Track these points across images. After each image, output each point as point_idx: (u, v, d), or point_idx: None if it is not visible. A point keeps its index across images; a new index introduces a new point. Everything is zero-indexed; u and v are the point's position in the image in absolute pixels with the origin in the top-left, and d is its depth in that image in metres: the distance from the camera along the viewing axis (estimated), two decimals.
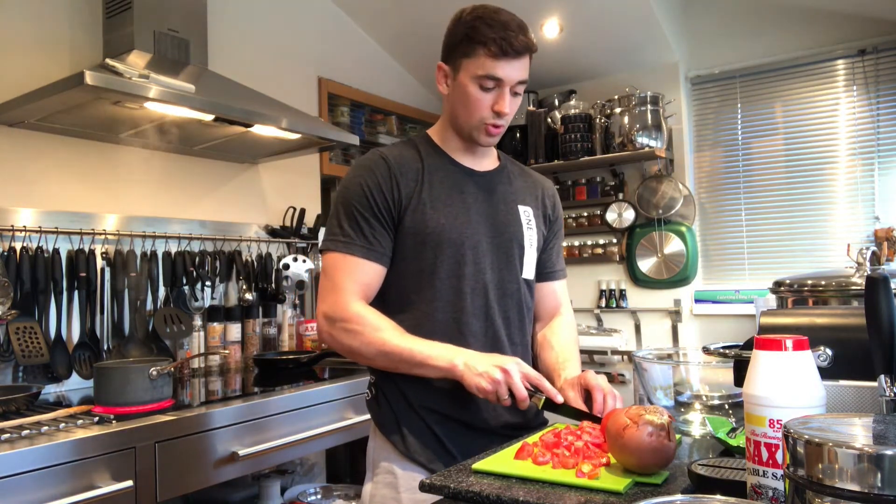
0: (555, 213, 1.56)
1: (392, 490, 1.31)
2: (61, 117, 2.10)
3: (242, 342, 2.71)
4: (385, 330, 1.28)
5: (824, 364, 0.99)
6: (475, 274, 1.35)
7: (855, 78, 3.17)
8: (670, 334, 3.53)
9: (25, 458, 1.44)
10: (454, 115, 1.38)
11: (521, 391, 1.17)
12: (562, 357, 1.45)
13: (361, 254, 1.30)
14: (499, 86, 1.31)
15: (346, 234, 1.31)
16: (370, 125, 3.63)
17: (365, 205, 1.31)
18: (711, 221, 3.57)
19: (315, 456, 2.73)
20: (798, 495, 0.63)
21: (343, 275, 1.30)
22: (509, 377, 1.17)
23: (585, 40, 3.45)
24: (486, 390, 1.18)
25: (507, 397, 1.18)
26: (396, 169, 1.34)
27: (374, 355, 1.28)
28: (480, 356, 1.23)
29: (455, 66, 1.34)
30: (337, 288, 1.30)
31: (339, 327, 1.29)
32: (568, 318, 1.57)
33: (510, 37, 1.28)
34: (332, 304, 1.30)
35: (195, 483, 1.79)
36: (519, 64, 1.32)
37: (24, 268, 2.07)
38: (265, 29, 3.00)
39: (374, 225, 1.31)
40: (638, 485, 0.94)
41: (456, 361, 1.22)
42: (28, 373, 2.08)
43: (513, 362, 1.20)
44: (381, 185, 1.32)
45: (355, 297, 1.30)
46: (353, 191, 1.33)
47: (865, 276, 1.16)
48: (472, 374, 1.19)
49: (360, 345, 1.28)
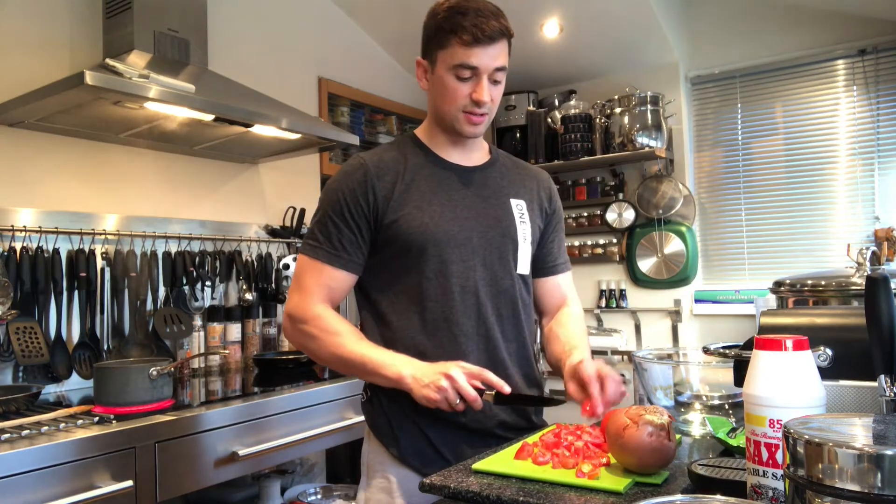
0: (552, 206, 1.52)
1: (387, 495, 1.31)
2: (61, 117, 2.10)
3: (242, 342, 2.71)
4: (342, 335, 1.29)
5: (824, 364, 0.99)
6: (464, 272, 1.33)
7: (855, 78, 3.17)
8: (670, 334, 3.53)
9: (25, 458, 1.44)
10: (435, 109, 1.37)
11: (469, 392, 1.16)
12: (567, 346, 1.41)
13: (326, 259, 1.32)
14: (475, 74, 1.29)
15: (316, 238, 1.34)
16: (370, 125, 3.63)
17: (337, 211, 1.32)
18: (711, 221, 3.57)
19: (315, 456, 2.73)
20: (798, 495, 0.63)
21: (308, 277, 1.33)
22: (454, 382, 1.16)
23: (585, 40, 3.45)
24: (435, 400, 1.17)
25: (458, 401, 1.17)
26: (374, 173, 1.33)
27: (329, 359, 1.31)
28: (427, 366, 1.22)
29: (432, 59, 1.33)
30: (302, 289, 1.33)
31: (298, 328, 1.32)
32: (574, 308, 1.54)
33: (481, 23, 1.25)
34: (295, 304, 1.33)
35: (195, 483, 1.79)
36: (494, 50, 1.28)
37: (24, 268, 2.07)
38: (265, 29, 3.01)
39: (343, 231, 1.32)
40: (638, 485, 0.94)
41: (404, 373, 1.22)
42: (28, 373, 2.08)
43: (454, 366, 1.19)
44: (356, 191, 1.32)
45: (318, 299, 1.32)
46: (329, 196, 1.35)
47: (865, 276, 1.16)
48: (420, 386, 1.19)
49: (316, 347, 1.31)
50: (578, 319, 1.51)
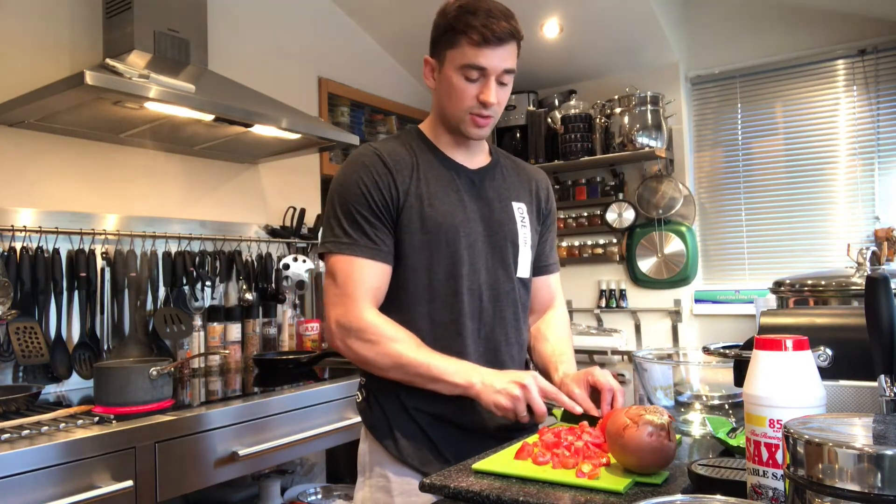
0: (548, 207, 1.52)
1: (385, 494, 1.30)
2: (61, 117, 2.10)
3: (242, 342, 2.71)
4: (401, 342, 1.25)
5: (824, 364, 0.99)
6: (471, 274, 1.33)
7: (855, 78, 3.17)
8: (670, 334, 3.53)
9: (25, 458, 1.44)
10: (441, 109, 1.36)
11: (540, 406, 1.17)
12: (558, 350, 1.44)
13: (367, 255, 1.28)
14: (483, 75, 1.28)
15: (348, 235, 1.28)
16: (370, 125, 3.63)
17: (364, 204, 1.29)
18: (711, 221, 3.57)
19: (315, 456, 2.72)
20: (798, 495, 0.63)
21: (352, 280, 1.27)
22: (528, 392, 1.17)
23: (585, 40, 3.45)
24: (506, 407, 1.17)
25: (526, 413, 1.17)
26: (392, 164, 1.31)
27: (389, 367, 1.26)
28: (497, 373, 1.22)
29: (440, 58, 1.32)
30: (348, 295, 1.27)
31: (354, 337, 1.26)
32: (561, 310, 1.57)
33: (491, 24, 1.25)
34: (344, 312, 1.27)
35: (195, 483, 1.79)
36: (503, 52, 1.27)
37: (24, 268, 2.07)
38: (265, 29, 3.00)
39: (375, 224, 1.29)
40: (638, 485, 0.94)
41: (474, 380, 1.21)
42: (28, 373, 2.08)
43: (530, 377, 1.19)
44: (378, 182, 1.29)
45: (367, 303, 1.27)
46: (350, 189, 1.30)
47: (865, 276, 1.16)
48: (490, 392, 1.18)
49: (375, 356, 1.26)
50: (565, 323, 1.56)
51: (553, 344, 1.46)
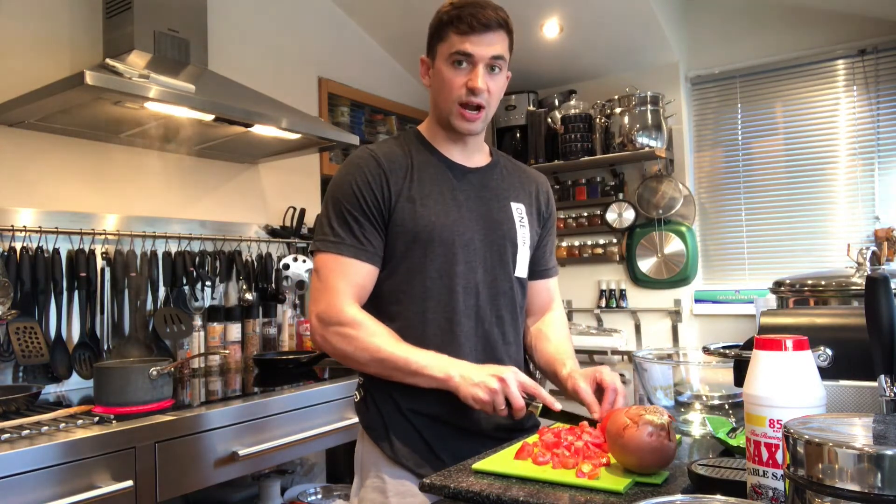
0: (548, 210, 1.53)
1: (381, 495, 1.30)
2: (61, 117, 2.10)
3: (242, 342, 2.71)
4: (380, 336, 1.26)
5: (824, 364, 0.99)
6: (466, 273, 1.33)
7: (855, 78, 3.17)
8: (670, 334, 3.53)
9: (25, 458, 1.44)
10: (435, 104, 1.38)
11: (518, 400, 1.16)
12: (562, 348, 1.44)
13: (352, 254, 1.29)
14: (471, 62, 1.30)
15: (336, 234, 1.30)
16: (370, 125, 3.63)
17: (354, 204, 1.30)
18: (711, 221, 3.57)
19: (315, 456, 2.72)
20: (798, 495, 0.63)
21: (336, 276, 1.29)
22: (506, 386, 1.16)
23: (585, 40, 3.45)
24: (483, 401, 1.16)
25: (504, 407, 1.17)
26: (386, 165, 1.33)
27: (368, 361, 1.27)
28: (475, 367, 1.22)
29: (433, 54, 1.35)
30: (330, 289, 1.28)
31: (332, 331, 1.28)
32: (560, 312, 1.57)
33: (477, 12, 1.28)
34: (325, 307, 1.28)
35: (195, 483, 1.79)
36: (490, 38, 1.29)
37: (24, 268, 2.07)
38: (265, 29, 3.00)
39: (363, 224, 1.30)
40: (638, 485, 0.94)
41: (451, 373, 1.20)
42: (28, 373, 2.08)
43: (509, 371, 1.19)
44: (371, 183, 1.31)
45: (349, 299, 1.28)
46: (343, 189, 1.32)
47: (865, 276, 1.16)
48: (468, 385, 1.18)
49: (353, 350, 1.27)
50: (564, 325, 1.56)
51: (556, 343, 1.46)
